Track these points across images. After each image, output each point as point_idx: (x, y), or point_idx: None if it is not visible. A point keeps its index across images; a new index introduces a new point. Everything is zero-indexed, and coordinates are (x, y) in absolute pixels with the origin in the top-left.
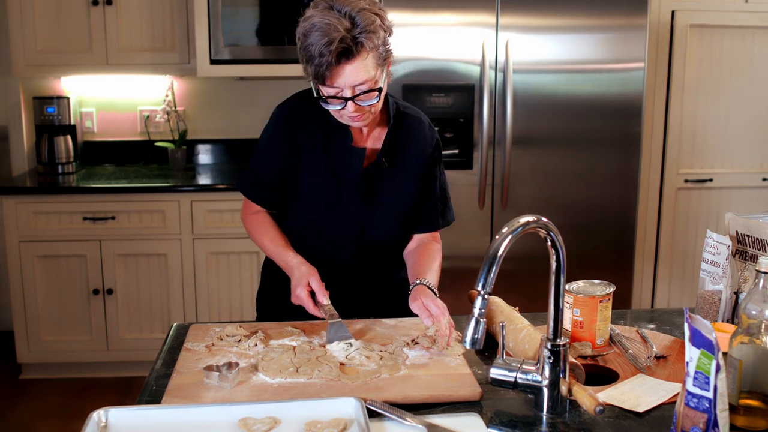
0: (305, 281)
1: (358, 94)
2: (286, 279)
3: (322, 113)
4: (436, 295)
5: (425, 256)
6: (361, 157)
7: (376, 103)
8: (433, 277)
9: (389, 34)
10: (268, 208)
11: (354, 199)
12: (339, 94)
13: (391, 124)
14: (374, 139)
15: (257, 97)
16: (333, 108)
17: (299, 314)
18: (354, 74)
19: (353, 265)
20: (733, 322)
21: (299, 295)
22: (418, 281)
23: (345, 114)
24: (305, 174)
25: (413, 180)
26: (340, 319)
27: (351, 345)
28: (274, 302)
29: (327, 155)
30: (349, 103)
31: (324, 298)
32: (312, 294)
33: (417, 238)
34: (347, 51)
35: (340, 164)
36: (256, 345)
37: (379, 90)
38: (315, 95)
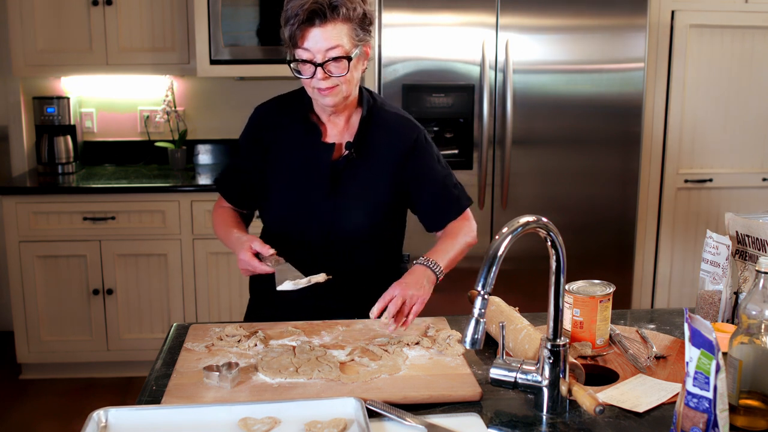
0: (247, 245)
1: (327, 61)
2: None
3: (298, 114)
4: (437, 276)
5: (446, 237)
6: (329, 151)
7: (345, 75)
8: (439, 255)
9: (370, 21)
10: (239, 207)
11: (322, 192)
12: (311, 60)
13: (364, 116)
14: (347, 135)
15: (257, 97)
16: (304, 77)
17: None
18: (325, 38)
19: (326, 260)
20: (733, 322)
21: (243, 258)
22: (416, 261)
23: (315, 85)
24: (276, 171)
25: (385, 174)
26: (287, 263)
27: (299, 282)
28: (265, 307)
29: (297, 152)
30: (318, 69)
31: (269, 250)
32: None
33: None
34: (320, 12)
35: (308, 160)
36: (256, 345)
37: (349, 59)
38: (288, 64)
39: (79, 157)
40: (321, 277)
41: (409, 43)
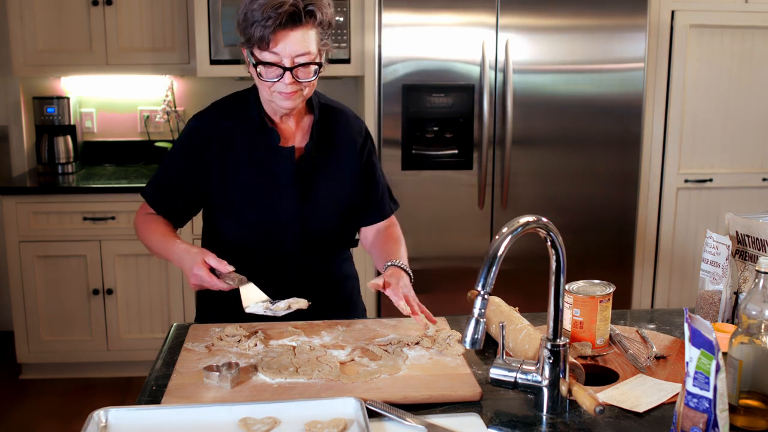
0: (200, 260)
1: (297, 66)
2: (222, 304)
3: (244, 118)
4: (410, 276)
5: (391, 241)
6: (291, 155)
7: (312, 81)
8: (404, 258)
9: (330, 25)
10: (170, 220)
11: (291, 198)
12: (278, 63)
13: (317, 116)
14: (301, 136)
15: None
16: (269, 80)
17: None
18: (298, 43)
19: (300, 263)
20: (733, 322)
21: (198, 274)
22: (390, 262)
23: (278, 89)
24: (235, 183)
25: (348, 170)
26: (250, 282)
27: (271, 304)
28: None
29: (256, 160)
30: (287, 73)
31: (227, 267)
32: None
33: (374, 228)
34: (296, 16)
35: (270, 166)
36: (256, 345)
37: (319, 65)
38: (253, 64)
39: (79, 157)
40: (303, 303)
41: (409, 43)
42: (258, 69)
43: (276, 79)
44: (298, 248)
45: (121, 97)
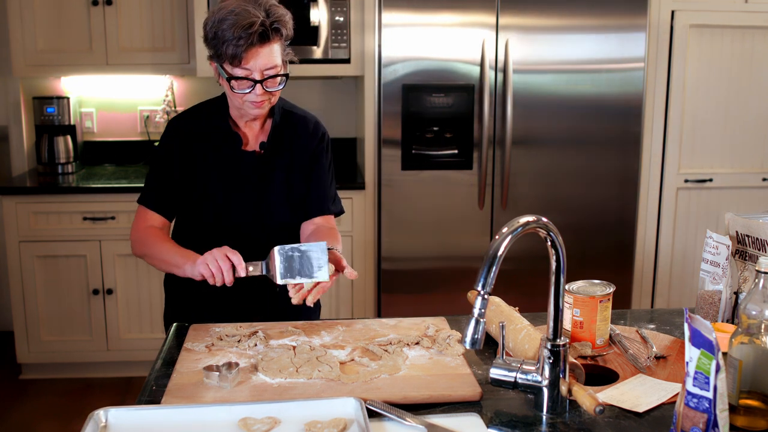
0: (225, 250)
1: (266, 78)
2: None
3: (213, 123)
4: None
5: (326, 234)
6: (253, 160)
7: (280, 89)
8: (337, 246)
9: (289, 37)
10: (168, 218)
11: (248, 193)
12: (249, 77)
13: (276, 120)
14: (264, 137)
15: None
16: (241, 92)
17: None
18: (266, 58)
19: (262, 246)
20: (733, 322)
21: (232, 256)
22: (330, 248)
23: (249, 99)
24: (198, 183)
25: (299, 170)
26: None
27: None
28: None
29: (219, 162)
30: (258, 86)
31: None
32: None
33: (313, 223)
34: (264, 35)
35: (232, 169)
36: (256, 345)
37: (286, 76)
38: (226, 78)
39: (79, 157)
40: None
41: (409, 43)
42: (231, 83)
43: (247, 91)
44: (256, 243)
45: (121, 97)
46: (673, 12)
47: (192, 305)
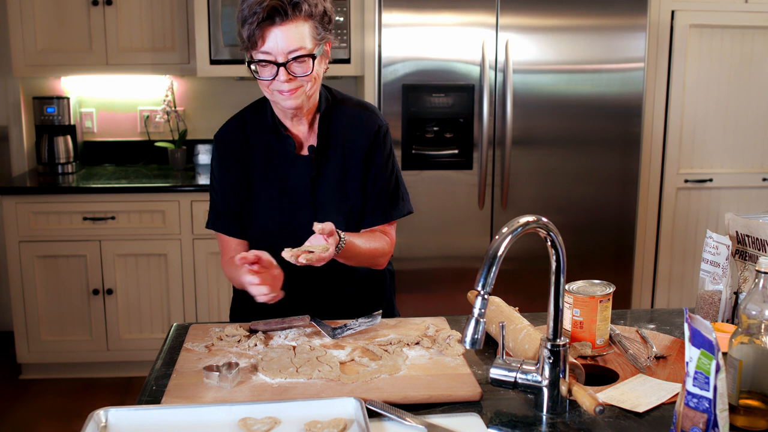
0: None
1: (289, 61)
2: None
3: (260, 128)
4: (339, 244)
5: (363, 236)
6: (307, 165)
7: (310, 74)
8: (354, 238)
9: (329, 18)
10: (243, 238)
11: (305, 206)
12: (273, 61)
13: (322, 115)
14: (314, 138)
15: (257, 98)
16: (264, 79)
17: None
18: (288, 38)
19: (316, 269)
20: (733, 322)
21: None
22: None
23: (276, 87)
24: (255, 192)
25: (353, 177)
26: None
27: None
28: (248, 308)
29: (272, 169)
30: (281, 70)
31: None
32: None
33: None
34: (280, 10)
35: (286, 175)
36: (256, 345)
37: (313, 57)
38: (248, 66)
39: (79, 157)
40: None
41: (409, 43)
42: (253, 68)
43: (271, 77)
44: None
45: (121, 97)
46: (673, 12)
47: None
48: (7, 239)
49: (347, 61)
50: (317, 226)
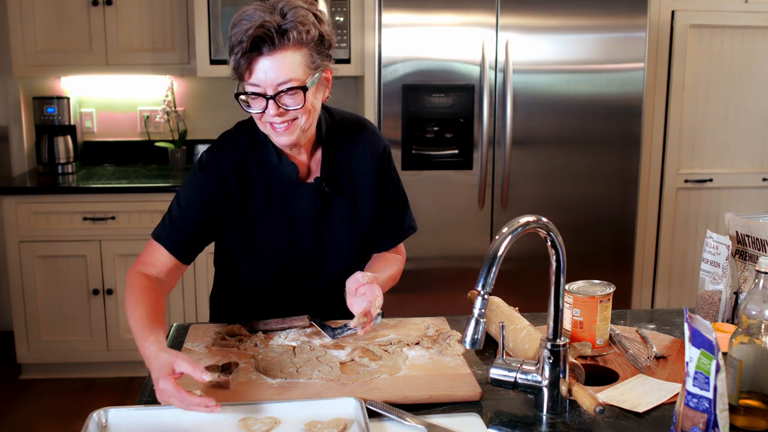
0: (167, 370)
1: (278, 93)
2: (237, 282)
3: (258, 152)
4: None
5: (379, 264)
6: (311, 195)
7: (302, 107)
8: (384, 277)
9: (328, 44)
10: (185, 263)
11: (310, 237)
12: (262, 93)
13: (324, 141)
14: (316, 167)
15: None
16: (254, 111)
17: (253, 317)
18: (275, 69)
19: (322, 298)
20: (733, 322)
21: (163, 389)
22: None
23: (269, 120)
24: (256, 222)
25: (365, 201)
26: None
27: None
28: (228, 304)
29: (274, 198)
30: (270, 103)
31: (203, 374)
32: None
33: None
34: (267, 39)
35: (289, 205)
36: (256, 345)
37: (304, 89)
38: (236, 97)
39: (79, 157)
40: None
41: (409, 43)
42: (243, 98)
43: (261, 110)
44: (317, 285)
45: (121, 97)
46: (673, 12)
47: (238, 307)
48: (7, 239)
49: (347, 61)
50: (361, 278)
